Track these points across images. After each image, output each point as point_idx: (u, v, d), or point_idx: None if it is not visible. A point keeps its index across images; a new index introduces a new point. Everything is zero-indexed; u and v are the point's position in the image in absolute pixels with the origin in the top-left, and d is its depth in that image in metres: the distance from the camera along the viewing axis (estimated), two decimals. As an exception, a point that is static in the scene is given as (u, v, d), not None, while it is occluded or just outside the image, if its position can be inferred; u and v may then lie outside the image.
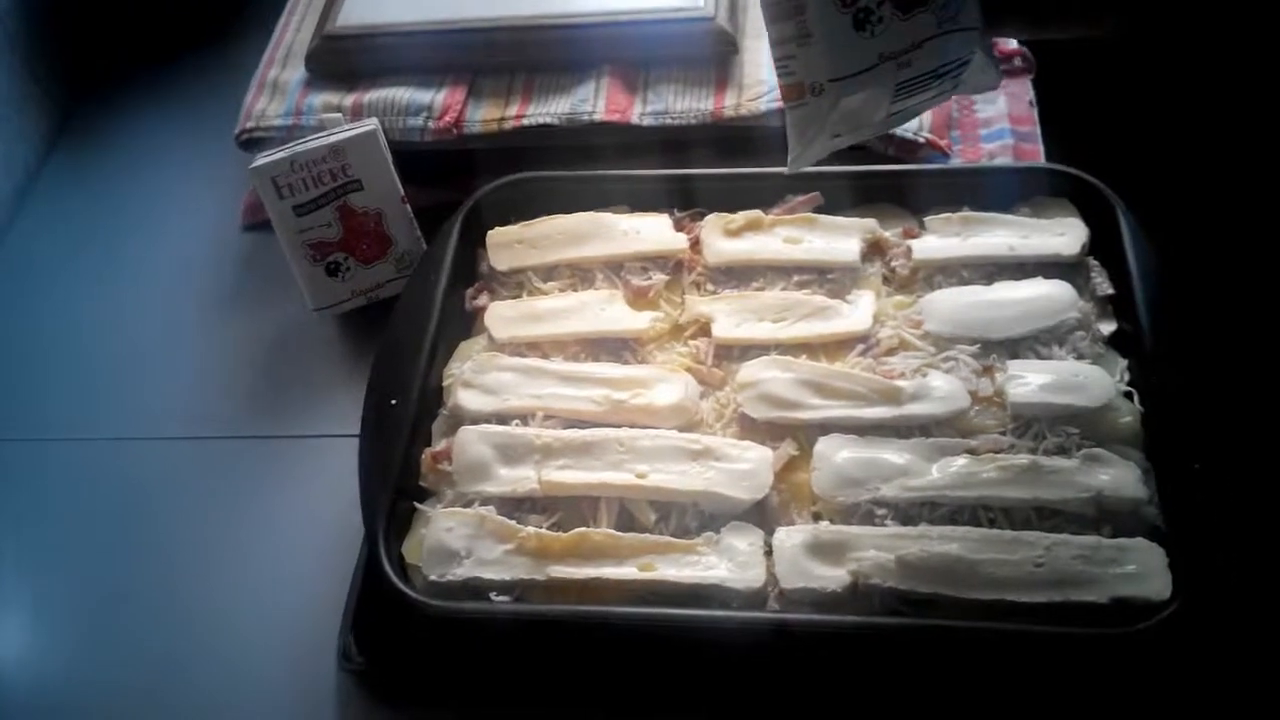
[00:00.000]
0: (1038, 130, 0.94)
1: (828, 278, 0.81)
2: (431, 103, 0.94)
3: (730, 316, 0.79)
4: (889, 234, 0.83)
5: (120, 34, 1.16)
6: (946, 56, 0.60)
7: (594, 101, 0.92)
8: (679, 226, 0.85)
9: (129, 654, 0.76)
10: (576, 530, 0.70)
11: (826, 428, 0.73)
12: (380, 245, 0.88)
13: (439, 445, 0.75)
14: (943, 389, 0.73)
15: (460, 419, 0.76)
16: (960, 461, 0.70)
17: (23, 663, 0.77)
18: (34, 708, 0.74)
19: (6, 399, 0.91)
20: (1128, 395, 0.73)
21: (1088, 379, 0.73)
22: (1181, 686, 0.65)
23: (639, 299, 0.82)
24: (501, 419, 0.76)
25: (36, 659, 0.77)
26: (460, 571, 0.68)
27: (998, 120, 0.95)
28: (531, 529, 0.70)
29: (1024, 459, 0.70)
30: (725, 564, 0.68)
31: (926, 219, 0.83)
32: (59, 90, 1.12)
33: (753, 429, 0.74)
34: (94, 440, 0.88)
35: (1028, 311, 0.76)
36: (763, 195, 0.85)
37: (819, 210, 0.84)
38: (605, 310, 0.80)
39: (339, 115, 0.90)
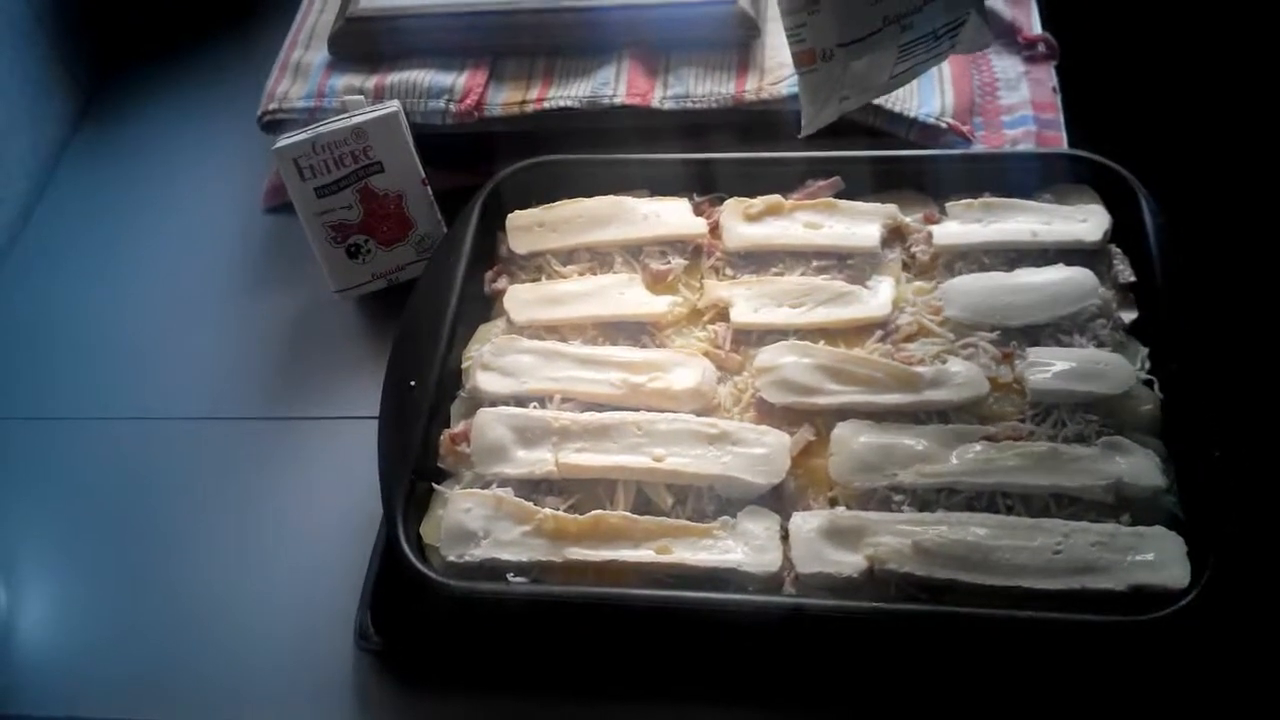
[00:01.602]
0: (1060, 117, 0.93)
1: (847, 263, 0.81)
2: (453, 85, 0.94)
3: (749, 301, 0.79)
4: (910, 219, 0.82)
5: (144, 16, 1.16)
6: (945, 18, 0.64)
7: (615, 85, 0.92)
8: (698, 211, 0.85)
9: (148, 631, 0.76)
10: (593, 513, 0.70)
11: (844, 413, 0.73)
12: (401, 227, 0.89)
13: (457, 427, 0.75)
14: (962, 375, 0.73)
15: (479, 401, 0.76)
16: (978, 448, 0.70)
17: (44, 639, 0.78)
18: (52, 685, 0.75)
19: (29, 378, 0.92)
20: (1148, 383, 0.73)
21: (1108, 366, 0.72)
22: (1199, 674, 0.64)
23: (658, 283, 0.82)
24: (520, 401, 0.76)
25: (57, 637, 0.78)
26: (478, 552, 0.69)
27: (1020, 106, 0.94)
28: (549, 511, 0.70)
29: (1043, 446, 0.69)
30: (741, 548, 0.68)
31: (948, 204, 0.83)
32: (83, 72, 1.13)
33: (770, 414, 0.74)
34: (116, 420, 0.89)
35: (1049, 298, 0.76)
36: (783, 180, 0.85)
37: (839, 195, 0.84)
38: (624, 294, 0.81)
39: (361, 97, 0.90)
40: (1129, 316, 0.76)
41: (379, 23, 0.96)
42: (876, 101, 0.89)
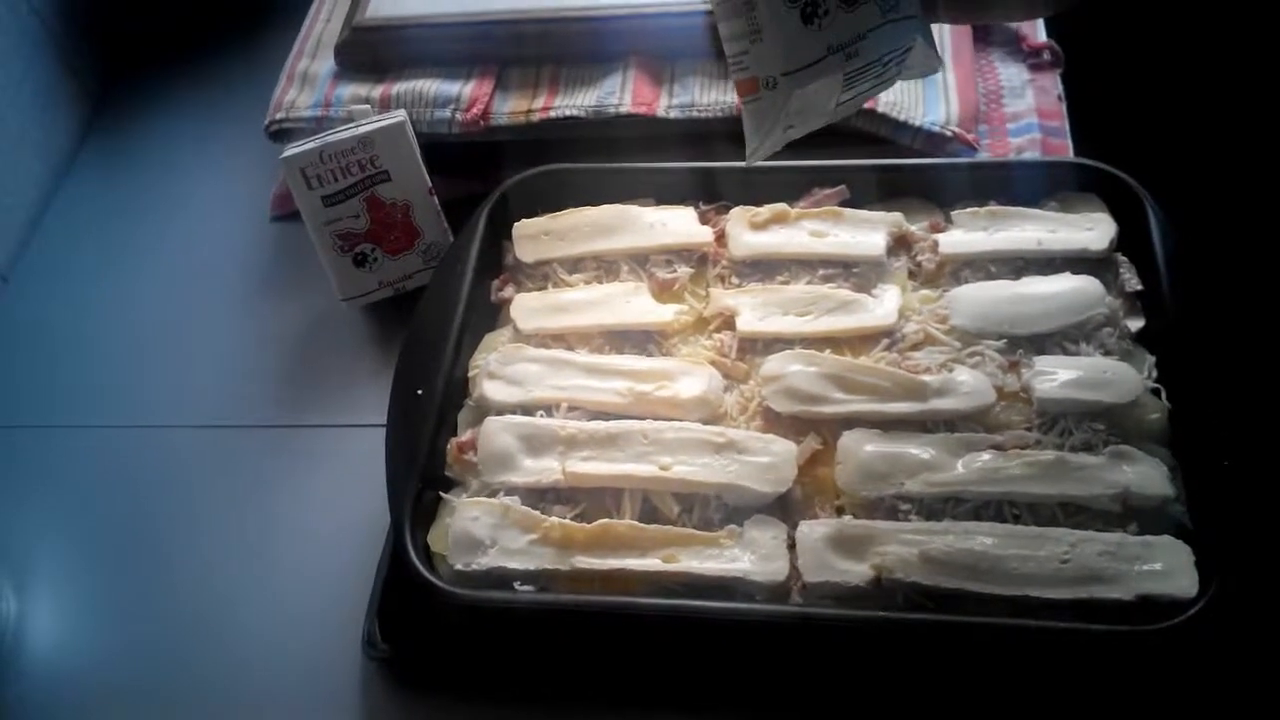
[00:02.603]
0: (1066, 124, 0.93)
1: (853, 271, 0.81)
2: (459, 94, 0.94)
3: (755, 310, 0.79)
4: (915, 228, 0.82)
5: (153, 25, 1.17)
6: (890, 45, 0.62)
7: (620, 94, 0.93)
8: (704, 219, 0.85)
9: (155, 638, 0.77)
10: (600, 521, 0.70)
11: (851, 422, 0.73)
12: (407, 236, 0.89)
13: (464, 435, 0.75)
14: (968, 384, 0.73)
15: (485, 410, 0.76)
16: (985, 457, 0.70)
17: (53, 648, 0.78)
18: (61, 691, 0.75)
19: (38, 386, 0.92)
20: (1155, 392, 0.73)
21: (1115, 375, 0.72)
22: (1207, 684, 0.64)
23: (664, 291, 0.82)
24: (526, 410, 0.76)
25: (66, 645, 0.78)
26: (485, 561, 0.69)
27: (1026, 114, 0.95)
28: (555, 519, 0.70)
29: (1050, 455, 0.69)
30: (748, 557, 0.68)
31: (953, 213, 0.83)
32: (92, 81, 1.13)
33: (776, 422, 0.74)
34: (123, 428, 0.89)
35: (1055, 307, 0.76)
36: (788, 188, 0.85)
37: (845, 204, 0.84)
38: (630, 302, 0.81)
39: (368, 107, 0.90)
40: (1136, 325, 0.76)
41: (385, 32, 0.97)
42: (881, 110, 0.90)
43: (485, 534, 0.70)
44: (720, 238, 0.83)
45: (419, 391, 0.76)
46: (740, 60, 0.61)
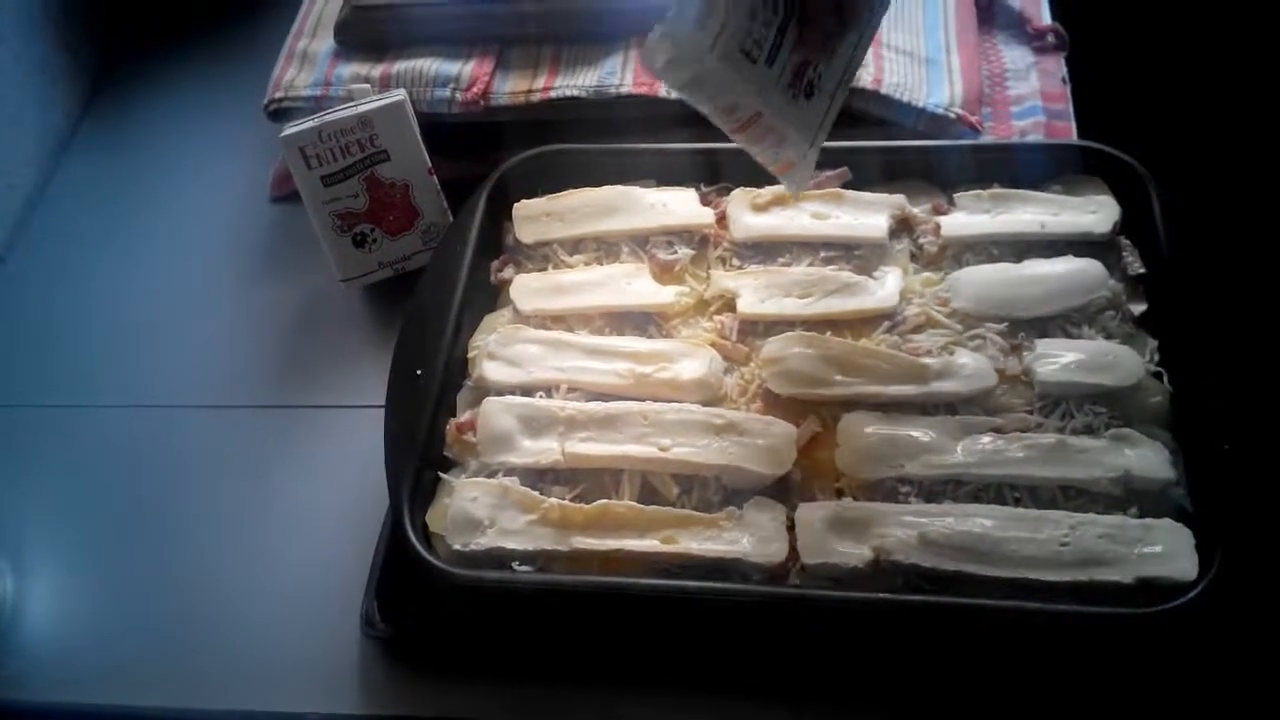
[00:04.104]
0: (1070, 107, 0.93)
1: (855, 254, 0.81)
2: (459, 74, 0.93)
3: (756, 292, 0.79)
4: (918, 210, 0.82)
5: (151, 4, 1.16)
6: (850, 71, 0.70)
7: (621, 74, 0.92)
8: (705, 201, 0.85)
9: (154, 618, 0.77)
10: (599, 502, 0.70)
11: (851, 404, 0.73)
12: (407, 217, 0.89)
13: (463, 416, 0.75)
14: (969, 367, 0.73)
15: (485, 390, 0.76)
16: (986, 440, 0.70)
17: (51, 627, 0.78)
18: (60, 672, 0.75)
19: (36, 366, 0.92)
20: (1157, 375, 0.73)
21: (1117, 358, 0.72)
22: (1207, 667, 0.64)
23: (664, 273, 0.81)
24: (526, 391, 0.76)
25: (64, 624, 0.78)
26: (483, 541, 0.69)
27: (1030, 97, 0.94)
28: (554, 500, 0.70)
29: (1051, 438, 0.69)
30: (747, 538, 0.68)
31: (956, 195, 0.82)
32: (91, 59, 1.13)
33: (776, 405, 0.74)
34: (122, 408, 0.89)
35: (1057, 290, 0.76)
36: (790, 170, 0.84)
37: (847, 185, 0.84)
38: (630, 284, 0.80)
39: (367, 86, 0.90)
40: (1138, 308, 0.76)
41: (385, 11, 0.96)
42: (885, 92, 0.89)
43: (484, 514, 0.70)
44: (721, 219, 0.83)
45: (418, 372, 0.75)
46: (774, 157, 0.69)
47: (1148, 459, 0.68)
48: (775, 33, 0.63)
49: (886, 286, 0.78)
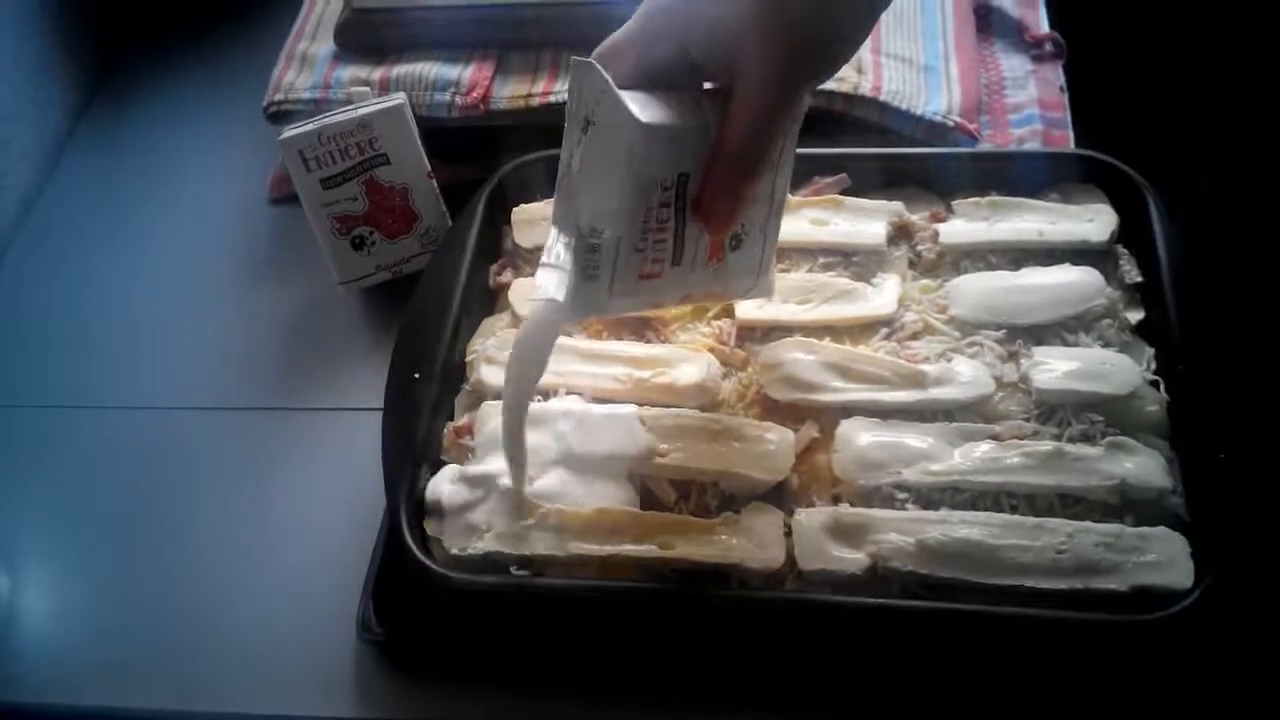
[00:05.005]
0: (1068, 116, 0.93)
1: (853, 260, 0.81)
2: (459, 78, 0.93)
3: (754, 297, 0.79)
4: (916, 217, 0.82)
5: (149, 4, 1.16)
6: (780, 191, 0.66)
7: (621, 79, 0.92)
8: (704, 206, 0.84)
9: (150, 620, 0.76)
10: (596, 507, 0.70)
11: (849, 410, 0.73)
12: (406, 220, 0.89)
13: (461, 420, 0.75)
14: (967, 374, 0.73)
15: (483, 394, 0.76)
16: (984, 447, 0.70)
17: (46, 628, 0.78)
18: (55, 674, 0.75)
19: (32, 367, 0.92)
20: (1154, 384, 0.73)
21: (1114, 367, 0.72)
22: (1202, 675, 0.64)
23: (663, 278, 0.81)
24: (523, 395, 0.76)
25: (59, 626, 0.78)
26: (480, 545, 0.69)
27: (1028, 105, 0.94)
28: (552, 504, 0.70)
29: (1048, 445, 0.69)
30: (744, 544, 0.68)
31: (954, 203, 0.82)
32: (88, 60, 1.13)
33: (774, 410, 0.74)
34: (118, 409, 0.88)
35: (1055, 298, 0.76)
36: (789, 176, 0.85)
37: (846, 192, 0.84)
38: (629, 289, 0.80)
39: (367, 89, 0.90)
40: (1135, 317, 0.76)
41: (385, 14, 0.96)
42: (883, 99, 0.89)
43: (481, 519, 0.70)
44: (720, 225, 0.83)
45: (416, 375, 0.75)
46: (733, 298, 0.71)
47: (1144, 467, 0.68)
48: (674, 237, 0.61)
49: (884, 293, 0.78)
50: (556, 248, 0.62)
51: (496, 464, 0.71)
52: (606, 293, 0.60)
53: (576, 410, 0.73)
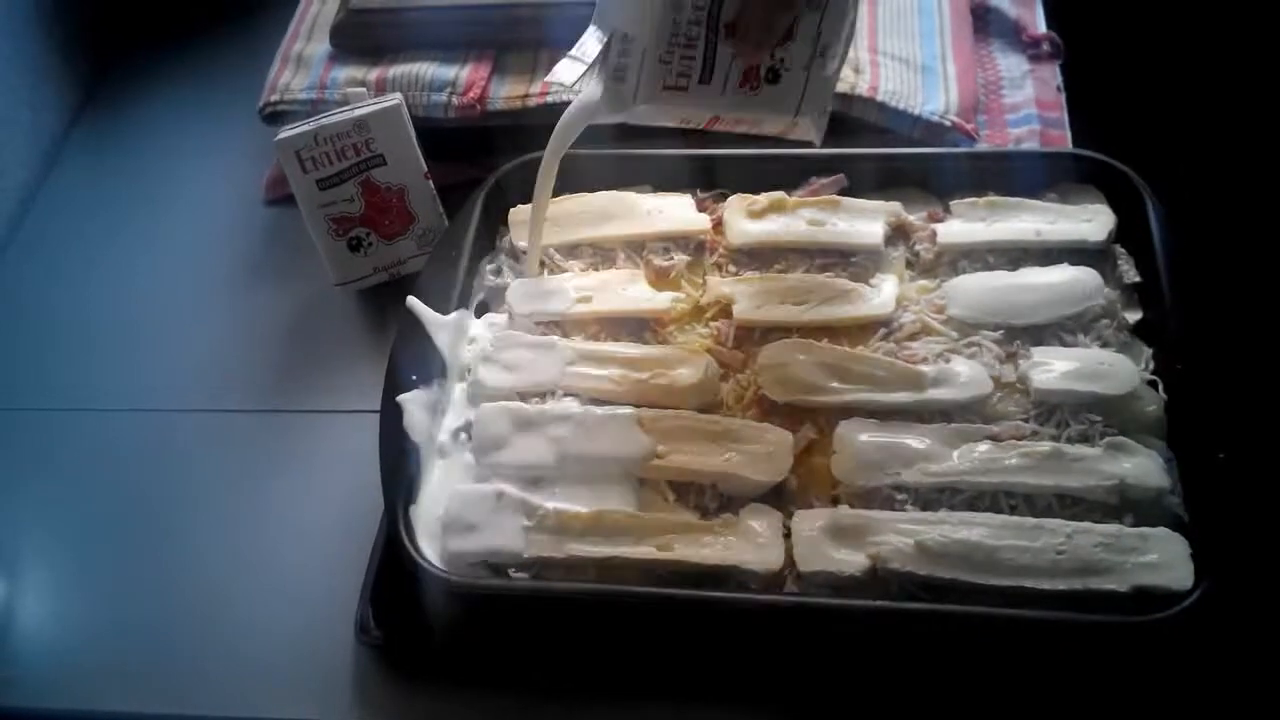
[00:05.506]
0: (1065, 116, 0.93)
1: (851, 261, 0.81)
2: (455, 78, 0.93)
3: (752, 298, 0.79)
4: (914, 217, 0.82)
5: (145, 5, 1.16)
6: (830, 34, 0.67)
7: (618, 80, 0.92)
8: (702, 207, 0.84)
9: (147, 621, 0.76)
10: (595, 508, 0.70)
11: (847, 411, 0.73)
12: (402, 221, 0.88)
13: (460, 420, 0.75)
14: (965, 375, 0.73)
15: (480, 395, 0.76)
16: (982, 447, 0.70)
17: (43, 632, 0.77)
18: (52, 678, 0.75)
19: (29, 369, 0.92)
20: (1152, 384, 0.73)
21: (1112, 367, 0.72)
22: (1202, 676, 0.64)
23: (660, 279, 0.81)
24: (521, 396, 0.76)
25: (57, 630, 0.77)
26: (480, 547, 0.68)
27: (1025, 105, 0.94)
28: (550, 506, 0.70)
29: (1046, 446, 0.69)
30: (743, 545, 0.68)
31: (952, 203, 0.82)
32: (84, 62, 1.12)
33: (773, 411, 0.74)
34: (116, 411, 0.88)
35: (1053, 298, 0.76)
36: (786, 177, 0.84)
37: (843, 193, 0.84)
38: (626, 290, 0.80)
39: (363, 89, 0.90)
40: (1133, 317, 0.76)
41: (381, 15, 0.96)
42: (880, 99, 0.89)
43: (479, 520, 0.69)
44: (718, 225, 0.83)
45: (414, 377, 0.75)
46: (768, 130, 0.70)
47: (1143, 468, 0.68)
48: (702, 56, 0.64)
49: (882, 293, 0.78)
50: (588, 43, 0.66)
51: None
52: (631, 97, 0.64)
53: (575, 412, 0.73)
